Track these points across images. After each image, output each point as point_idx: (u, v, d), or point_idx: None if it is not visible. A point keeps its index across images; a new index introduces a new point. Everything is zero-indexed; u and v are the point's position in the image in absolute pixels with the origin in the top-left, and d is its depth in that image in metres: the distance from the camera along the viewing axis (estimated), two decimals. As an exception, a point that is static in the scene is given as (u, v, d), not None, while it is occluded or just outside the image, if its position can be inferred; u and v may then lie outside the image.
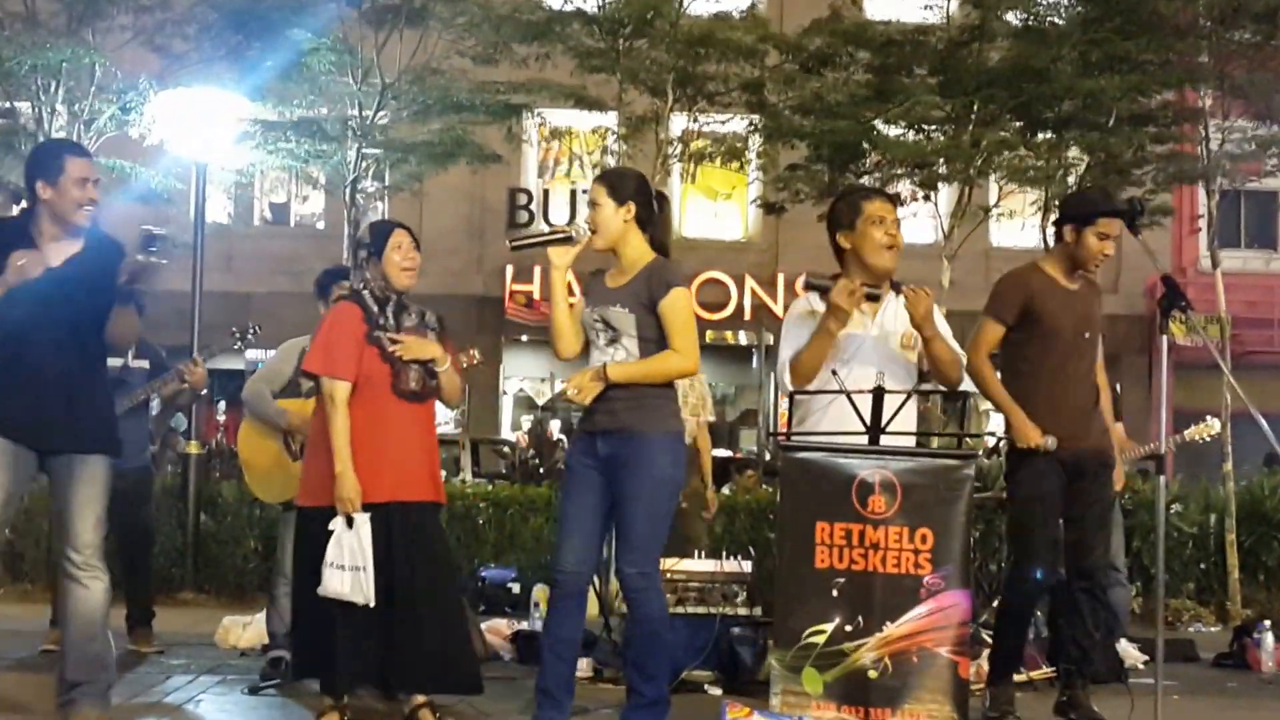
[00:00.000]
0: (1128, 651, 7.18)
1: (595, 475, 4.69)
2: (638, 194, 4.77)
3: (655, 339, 4.66)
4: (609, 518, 4.74)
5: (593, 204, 4.75)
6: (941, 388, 5.28)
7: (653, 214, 4.79)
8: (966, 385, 5.40)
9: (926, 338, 5.03)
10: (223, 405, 16.12)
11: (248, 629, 7.14)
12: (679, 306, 4.65)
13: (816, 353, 5.00)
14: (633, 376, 4.63)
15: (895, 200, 5.49)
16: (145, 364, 6.99)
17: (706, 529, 7.78)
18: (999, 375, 5.66)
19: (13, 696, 5.36)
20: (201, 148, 10.51)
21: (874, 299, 5.05)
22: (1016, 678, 5.81)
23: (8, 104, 11.75)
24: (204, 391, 7.09)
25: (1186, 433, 7.84)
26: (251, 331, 6.95)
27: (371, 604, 4.86)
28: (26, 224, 4.80)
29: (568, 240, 4.72)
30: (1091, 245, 5.55)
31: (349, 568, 4.85)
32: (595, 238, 4.72)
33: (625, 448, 4.62)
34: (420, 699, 5.09)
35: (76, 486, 4.78)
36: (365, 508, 4.89)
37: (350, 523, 4.87)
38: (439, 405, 5.41)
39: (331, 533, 4.88)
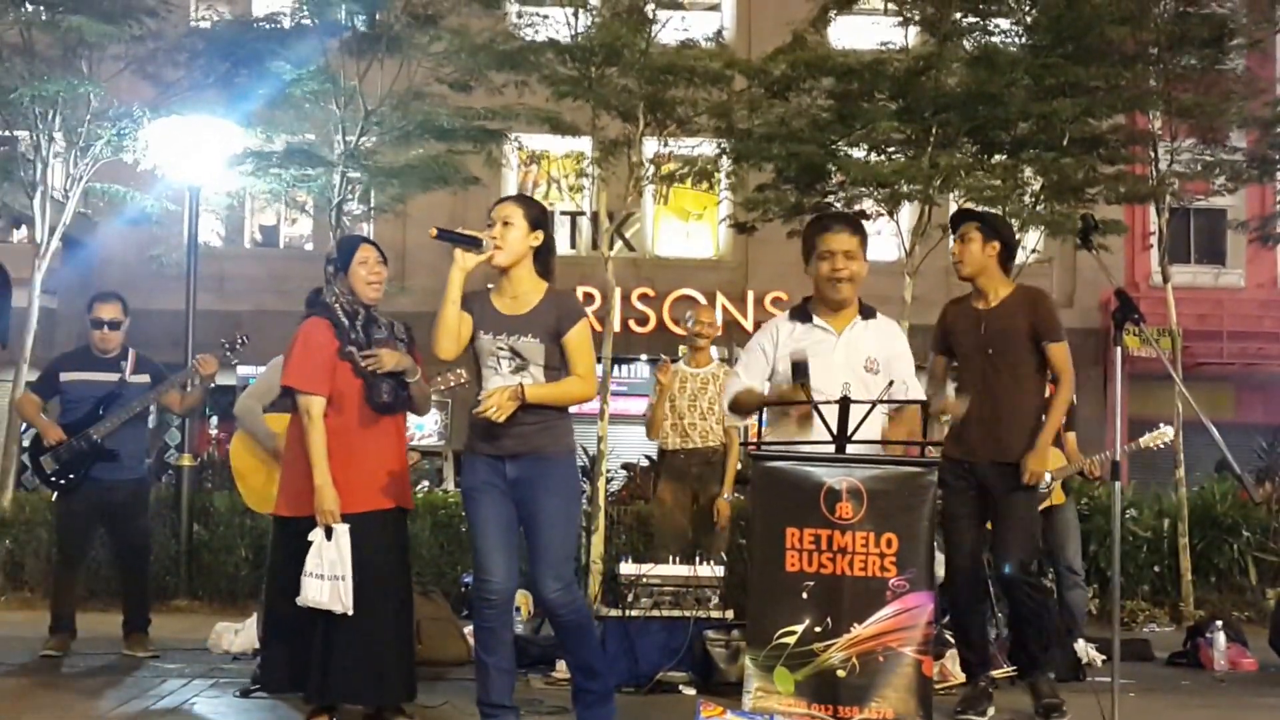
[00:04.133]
0: (1085, 651, 7.35)
1: (504, 496, 4.76)
2: (546, 225, 4.90)
3: (558, 366, 4.78)
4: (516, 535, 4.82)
5: (505, 223, 4.77)
6: (903, 398, 5.42)
7: (549, 245, 4.90)
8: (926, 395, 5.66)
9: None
10: (215, 420, 16.21)
11: (239, 635, 7.22)
12: (585, 337, 4.80)
13: (756, 405, 5.35)
14: (545, 398, 4.72)
15: (855, 226, 5.47)
16: (144, 379, 7.14)
17: (719, 537, 7.81)
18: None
19: (11, 701, 5.49)
20: (193, 172, 10.65)
21: (474, 242, 4.81)
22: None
23: (7, 132, 11.91)
24: (212, 386, 7.20)
25: (1141, 440, 8.02)
26: (240, 341, 6.99)
27: (350, 612, 4.94)
28: None
29: (476, 245, 4.72)
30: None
31: (328, 577, 4.91)
32: (499, 254, 4.74)
33: (535, 469, 4.72)
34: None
35: None
36: (342, 518, 4.97)
37: (329, 534, 4.94)
38: (418, 417, 5.56)
39: (310, 543, 4.94)
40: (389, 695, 5.19)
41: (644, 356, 20.11)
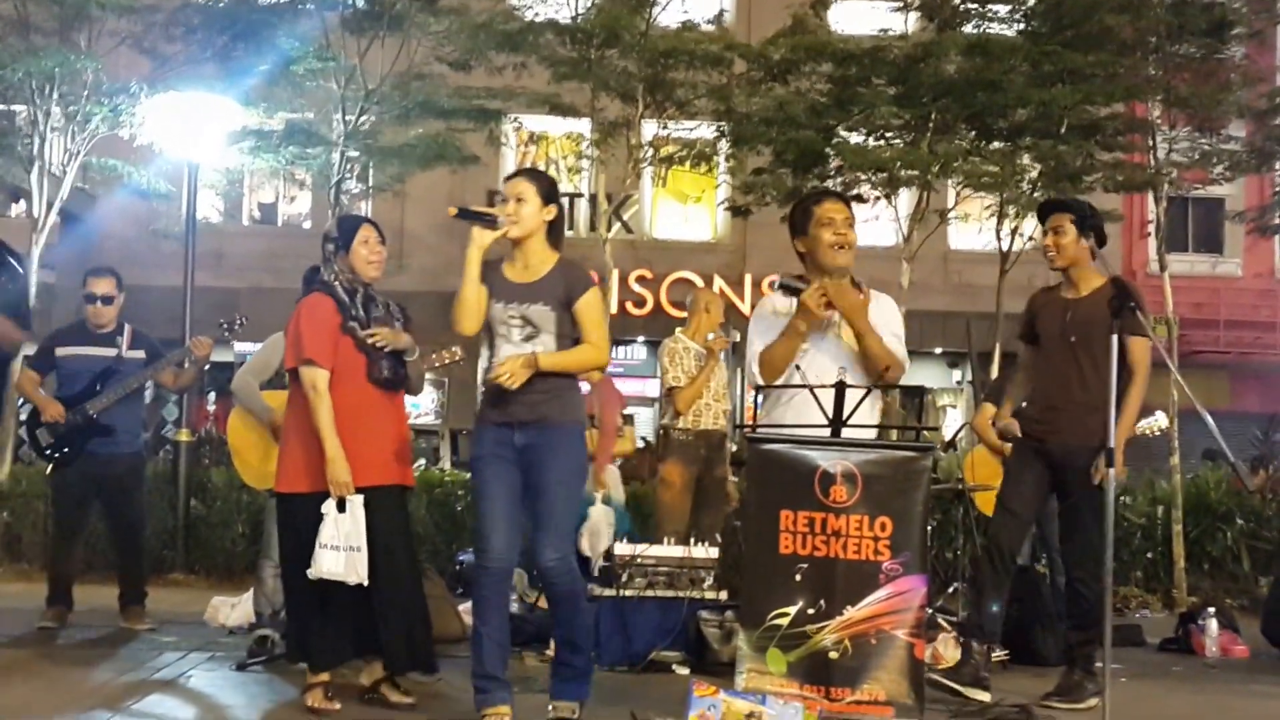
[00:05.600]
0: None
1: (512, 465, 4.80)
2: (557, 198, 4.96)
3: (569, 335, 4.83)
4: (522, 505, 4.86)
5: (519, 199, 4.83)
6: (902, 384, 5.46)
7: (560, 217, 4.96)
8: (923, 381, 5.70)
9: (856, 331, 5.17)
10: (213, 396, 16.23)
11: (235, 609, 7.27)
12: (596, 304, 4.86)
13: (786, 350, 5.18)
14: (559, 366, 4.79)
15: (847, 200, 5.52)
16: (140, 354, 7.14)
17: (721, 516, 7.88)
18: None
19: (8, 672, 5.51)
20: (192, 149, 10.60)
21: (490, 220, 5.08)
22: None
23: (4, 106, 11.89)
24: (206, 367, 7.23)
25: (1136, 427, 8.05)
26: (238, 322, 7.00)
27: (365, 583, 4.99)
28: None
29: (492, 223, 4.80)
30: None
31: (344, 548, 4.95)
32: (513, 229, 4.81)
33: (543, 437, 4.77)
34: (380, 674, 5.27)
35: None
36: None
37: (342, 505, 4.98)
38: (412, 395, 5.55)
39: (320, 516, 4.96)
40: (409, 660, 5.28)
41: (641, 338, 20.16)
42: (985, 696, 5.73)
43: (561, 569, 4.79)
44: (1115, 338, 5.53)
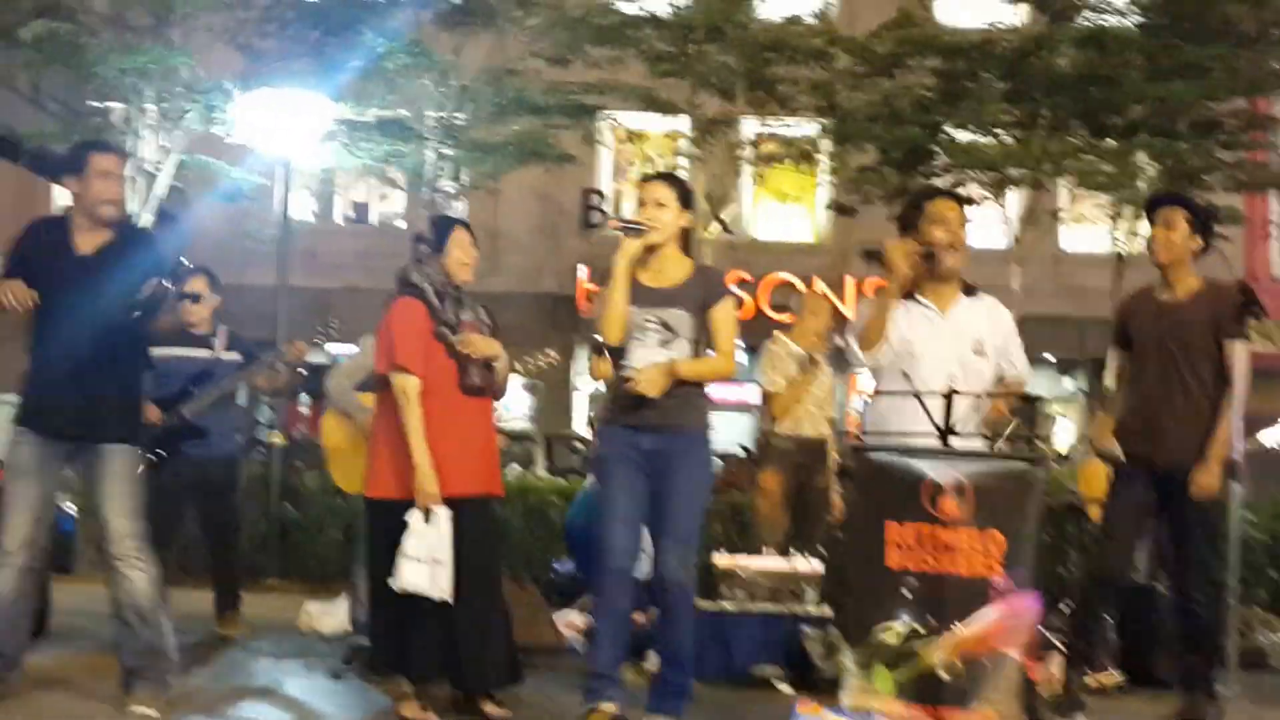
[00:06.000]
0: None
1: (637, 468, 4.82)
2: (694, 203, 5.00)
3: (702, 341, 4.89)
4: (645, 509, 4.86)
5: (658, 204, 4.87)
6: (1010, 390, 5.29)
7: (694, 226, 5.00)
8: (1032, 388, 5.47)
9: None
10: (306, 398, 16.38)
11: (330, 616, 7.22)
12: (731, 313, 4.95)
13: (879, 315, 5.10)
14: (696, 375, 4.85)
15: (960, 199, 5.45)
16: (237, 356, 7.10)
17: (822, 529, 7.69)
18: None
19: (102, 676, 5.42)
20: (285, 146, 10.63)
21: (929, 257, 5.11)
22: (1088, 682, 5.85)
23: (99, 103, 12.04)
24: (301, 371, 7.22)
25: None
26: (332, 329, 6.98)
27: (449, 599, 4.91)
28: (66, 220, 4.96)
29: (638, 232, 4.85)
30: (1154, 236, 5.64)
31: (427, 561, 4.87)
32: (653, 235, 4.84)
33: (674, 444, 4.80)
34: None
35: (104, 480, 4.87)
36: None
37: (427, 516, 4.90)
38: (496, 400, 5.45)
39: (404, 524, 4.89)
40: (484, 681, 5.18)
41: (740, 343, 19.99)
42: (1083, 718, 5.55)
43: (680, 578, 4.79)
44: (1230, 344, 5.37)
